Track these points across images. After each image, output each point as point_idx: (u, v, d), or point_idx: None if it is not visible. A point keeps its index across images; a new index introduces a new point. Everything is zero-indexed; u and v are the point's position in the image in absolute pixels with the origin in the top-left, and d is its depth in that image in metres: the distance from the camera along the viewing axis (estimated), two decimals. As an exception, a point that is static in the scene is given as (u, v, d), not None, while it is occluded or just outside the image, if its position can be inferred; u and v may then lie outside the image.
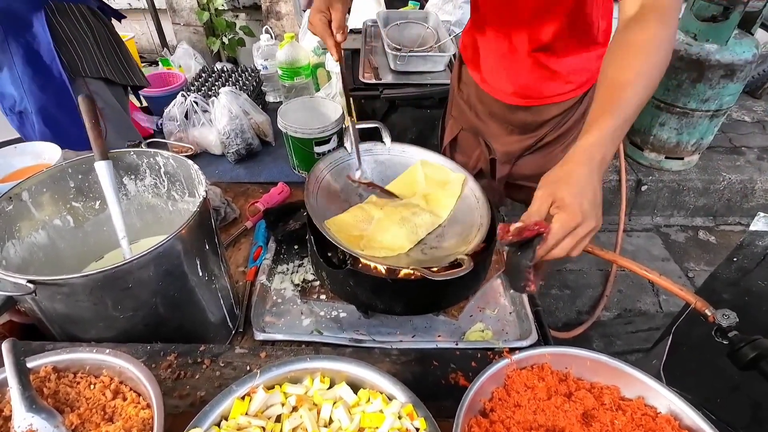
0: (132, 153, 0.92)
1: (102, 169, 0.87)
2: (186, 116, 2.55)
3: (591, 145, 0.70)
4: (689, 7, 2.21)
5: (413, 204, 1.08)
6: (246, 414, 0.55)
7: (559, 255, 0.66)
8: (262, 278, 1.07)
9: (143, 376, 0.56)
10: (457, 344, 0.95)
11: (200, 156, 2.61)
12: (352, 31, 2.62)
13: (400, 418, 0.55)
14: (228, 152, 2.53)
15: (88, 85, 1.62)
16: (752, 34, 2.20)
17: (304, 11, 2.92)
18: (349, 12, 1.11)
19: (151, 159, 0.93)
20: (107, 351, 0.59)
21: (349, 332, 0.99)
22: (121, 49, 1.72)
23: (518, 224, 0.67)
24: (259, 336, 0.95)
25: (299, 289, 1.08)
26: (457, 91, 1.46)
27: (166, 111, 2.49)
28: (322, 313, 1.04)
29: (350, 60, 2.30)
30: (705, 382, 1.22)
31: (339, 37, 1.05)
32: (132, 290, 0.71)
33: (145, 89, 2.69)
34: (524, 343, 0.94)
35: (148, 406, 0.57)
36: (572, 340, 1.99)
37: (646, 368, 1.01)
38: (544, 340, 0.97)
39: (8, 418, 0.58)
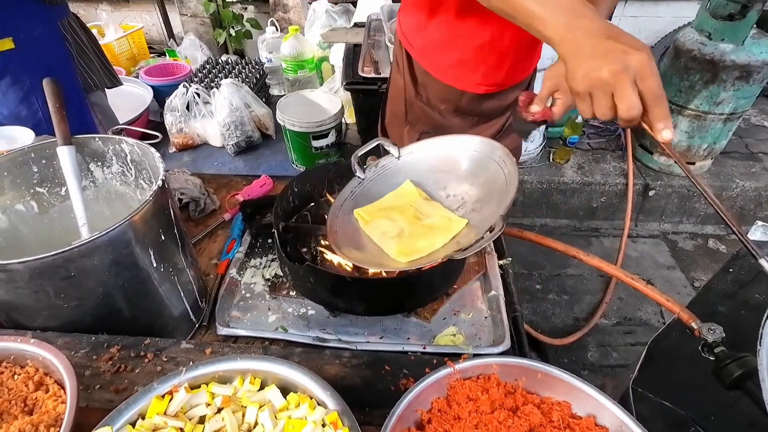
0: (97, 139, 0.91)
1: (64, 154, 0.85)
2: (188, 107, 2.54)
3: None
4: (705, 5, 2.11)
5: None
6: (165, 413, 0.52)
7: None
8: (232, 271, 1.05)
9: (63, 368, 0.54)
10: (425, 348, 0.91)
11: (200, 147, 2.61)
12: (356, 24, 2.58)
13: (324, 425, 0.51)
14: (227, 144, 2.53)
15: (92, 98, 1.59)
16: (771, 35, 2.10)
17: (310, 3, 2.89)
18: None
19: (117, 146, 0.91)
20: (32, 341, 0.57)
21: (315, 330, 0.96)
22: (104, 53, 1.68)
23: (536, 108, 0.81)
24: (222, 331, 0.93)
25: (270, 284, 1.06)
26: (416, 96, 1.33)
27: (167, 102, 2.49)
28: (290, 310, 1.01)
29: (351, 54, 2.26)
30: (699, 398, 1.15)
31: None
32: (75, 279, 0.68)
33: (148, 79, 2.70)
34: (495, 350, 0.90)
35: (69, 400, 0.54)
36: (567, 348, 1.93)
37: (624, 381, 0.96)
38: (519, 347, 0.93)
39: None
